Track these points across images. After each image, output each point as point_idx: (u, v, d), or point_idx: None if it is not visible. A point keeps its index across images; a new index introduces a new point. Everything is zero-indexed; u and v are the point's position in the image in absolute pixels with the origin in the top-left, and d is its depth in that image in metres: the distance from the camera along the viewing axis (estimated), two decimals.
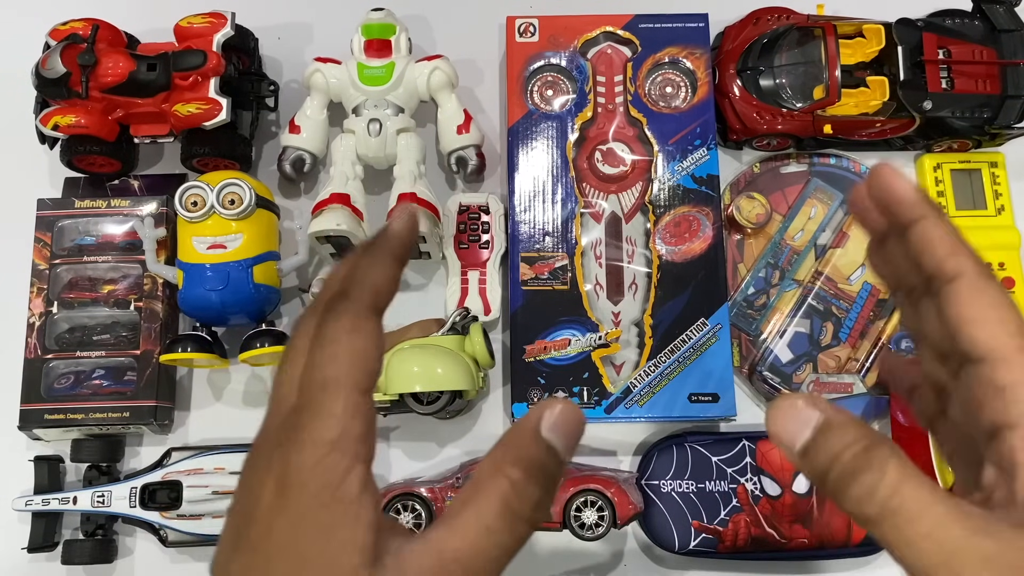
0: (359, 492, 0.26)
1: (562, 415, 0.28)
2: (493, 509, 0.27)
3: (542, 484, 0.28)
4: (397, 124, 0.76)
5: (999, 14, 0.79)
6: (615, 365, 0.74)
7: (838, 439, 0.27)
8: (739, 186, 0.81)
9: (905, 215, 0.31)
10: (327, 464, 0.26)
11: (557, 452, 0.28)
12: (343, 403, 0.27)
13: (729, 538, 0.70)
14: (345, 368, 0.27)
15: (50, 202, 0.78)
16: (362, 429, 0.27)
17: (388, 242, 0.30)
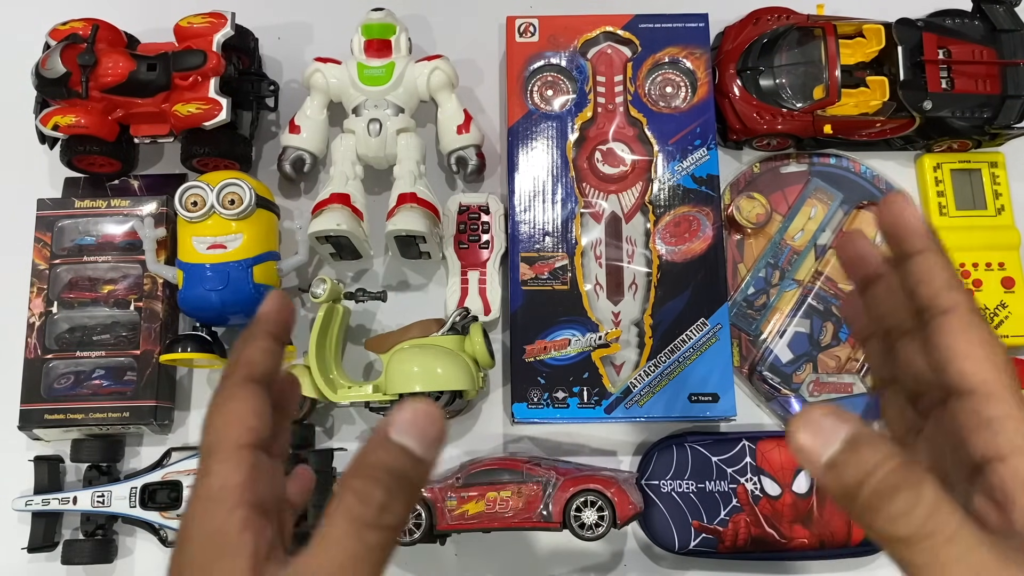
0: (238, 531, 0.30)
1: (413, 415, 0.29)
2: (338, 521, 0.28)
3: (388, 486, 0.29)
4: (397, 124, 0.76)
5: (999, 14, 0.79)
6: (615, 365, 0.74)
7: (871, 455, 0.27)
8: (739, 186, 0.81)
9: (912, 244, 0.32)
10: (207, 514, 0.30)
11: (411, 452, 0.29)
12: (220, 460, 0.31)
13: (729, 538, 0.70)
14: (222, 432, 0.31)
15: (50, 202, 0.78)
16: (242, 479, 0.30)
17: (258, 323, 0.34)
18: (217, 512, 0.30)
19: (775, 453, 0.72)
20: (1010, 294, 0.78)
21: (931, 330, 0.31)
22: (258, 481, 0.31)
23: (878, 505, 0.27)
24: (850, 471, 0.27)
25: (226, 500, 0.30)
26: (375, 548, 0.28)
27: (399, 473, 0.29)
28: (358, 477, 0.29)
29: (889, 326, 0.35)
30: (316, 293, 0.71)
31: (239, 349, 0.34)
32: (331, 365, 0.73)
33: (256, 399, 0.32)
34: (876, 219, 0.33)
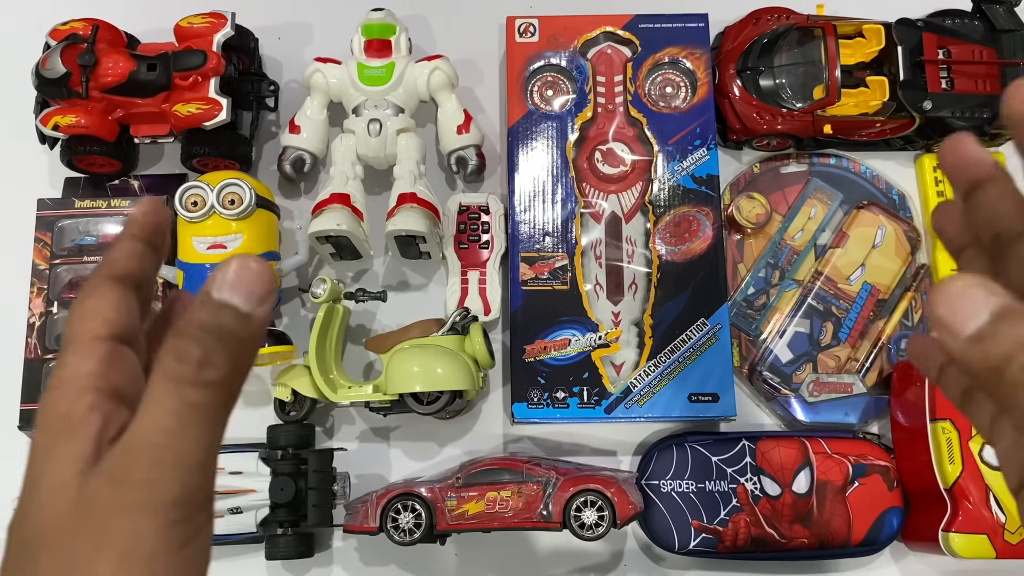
0: (84, 414, 0.29)
1: (237, 272, 0.29)
2: (157, 382, 0.28)
3: (205, 343, 0.28)
4: (397, 124, 0.76)
5: (999, 14, 0.79)
6: (615, 365, 0.74)
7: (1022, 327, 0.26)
8: (739, 186, 0.81)
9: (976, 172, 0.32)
10: (55, 399, 0.30)
11: (234, 307, 0.29)
12: (72, 351, 0.30)
13: (729, 538, 0.70)
14: (78, 326, 0.31)
15: (50, 202, 0.78)
16: (93, 367, 0.30)
17: (126, 226, 0.34)
18: (64, 397, 0.30)
19: (775, 453, 0.71)
20: None
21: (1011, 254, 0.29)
22: (114, 370, 0.30)
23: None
24: (1000, 343, 0.26)
25: (75, 386, 0.30)
26: (198, 406, 0.28)
27: (220, 330, 0.28)
28: (176, 336, 0.29)
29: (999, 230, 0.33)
30: (316, 293, 0.71)
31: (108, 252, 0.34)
32: (331, 365, 0.73)
33: (114, 294, 0.32)
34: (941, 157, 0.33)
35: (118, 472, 0.28)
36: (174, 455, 0.28)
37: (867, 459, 0.72)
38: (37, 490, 0.29)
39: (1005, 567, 0.71)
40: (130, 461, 0.28)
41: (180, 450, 0.28)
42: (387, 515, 0.67)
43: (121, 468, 0.28)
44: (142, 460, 0.28)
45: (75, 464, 0.28)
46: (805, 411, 0.75)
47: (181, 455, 0.28)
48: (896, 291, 0.78)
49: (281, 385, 0.73)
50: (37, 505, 0.29)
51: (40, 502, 0.29)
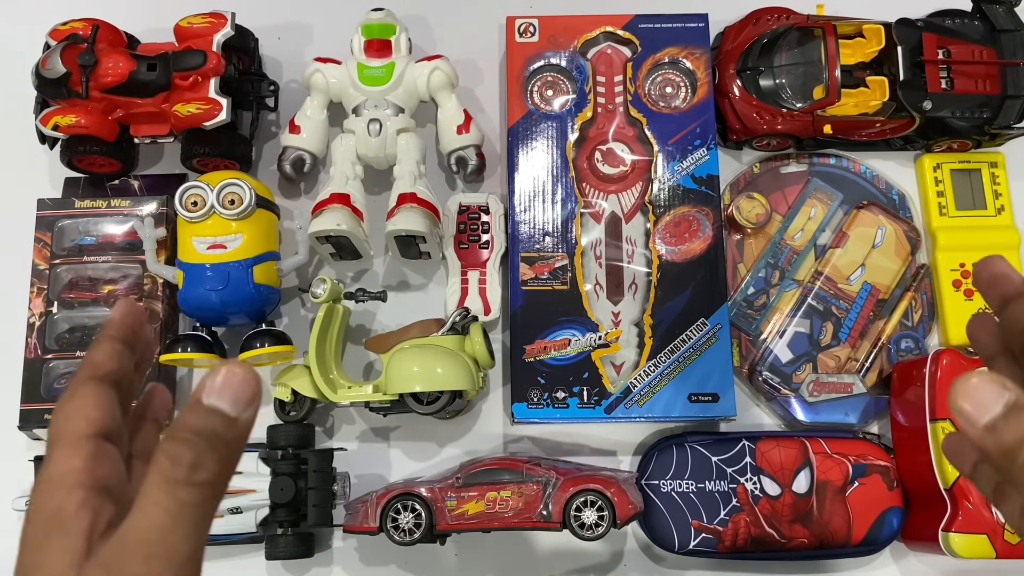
0: (75, 510, 0.31)
1: (224, 379, 0.31)
2: (153, 482, 0.30)
3: (197, 447, 0.30)
4: (397, 124, 0.76)
5: (999, 14, 0.79)
6: (615, 365, 0.74)
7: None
8: (739, 186, 0.81)
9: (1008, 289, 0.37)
10: (47, 494, 0.31)
11: (223, 413, 0.31)
12: (59, 448, 0.32)
13: (729, 538, 0.70)
14: (63, 424, 0.33)
15: (50, 202, 0.78)
16: (80, 464, 0.32)
17: (104, 328, 0.37)
18: (55, 493, 0.31)
19: (775, 453, 0.71)
20: None
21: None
22: (99, 466, 0.32)
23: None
24: (1010, 433, 0.30)
25: (64, 482, 0.31)
26: (190, 505, 0.30)
27: (209, 434, 0.31)
28: (170, 440, 0.31)
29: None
30: (316, 293, 0.71)
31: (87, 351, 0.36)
32: (331, 365, 0.73)
33: (97, 394, 0.34)
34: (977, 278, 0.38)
35: (114, 566, 0.30)
36: (166, 550, 0.30)
37: (867, 459, 0.72)
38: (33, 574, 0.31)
39: (1005, 567, 0.71)
40: (125, 555, 0.30)
41: (172, 545, 0.30)
42: (387, 515, 0.67)
43: (117, 562, 0.30)
44: (136, 555, 0.29)
45: (69, 558, 0.30)
46: (805, 411, 0.75)
47: (172, 550, 0.30)
48: (896, 291, 0.78)
49: (281, 385, 0.73)
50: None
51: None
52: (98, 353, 0.35)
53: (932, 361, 0.73)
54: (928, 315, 0.79)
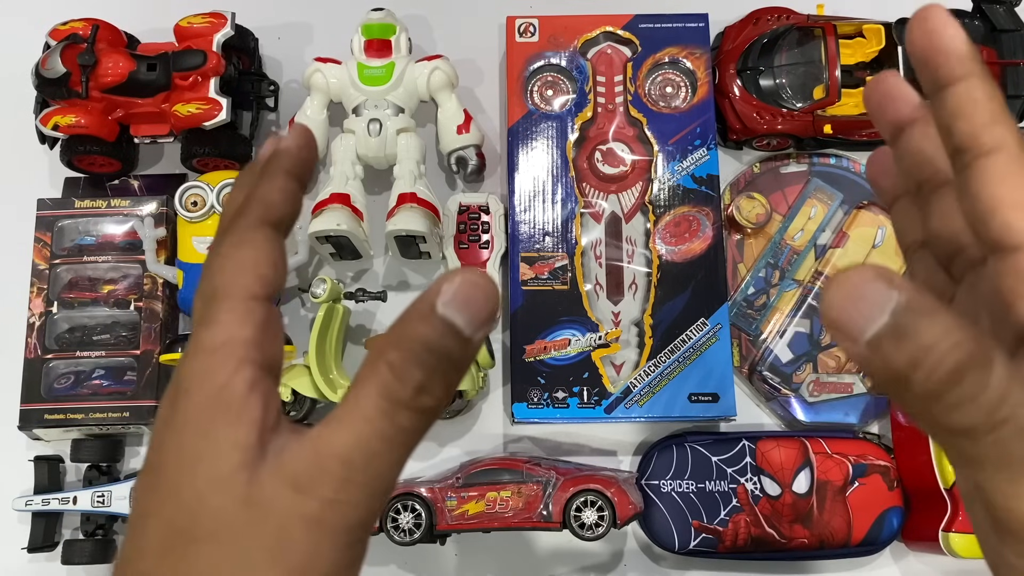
0: (245, 392, 0.26)
1: (463, 286, 0.25)
2: (370, 397, 0.25)
3: (428, 365, 0.25)
4: (397, 124, 0.76)
5: (999, 14, 0.79)
6: (615, 365, 0.74)
7: (929, 326, 0.22)
8: (739, 186, 0.81)
9: (949, 70, 0.26)
10: (210, 368, 0.26)
11: (457, 328, 0.25)
12: (228, 309, 0.27)
13: (729, 538, 0.70)
14: (231, 277, 0.27)
15: (50, 202, 0.78)
16: (251, 333, 0.26)
17: (277, 158, 0.29)
18: (222, 368, 0.26)
19: (775, 453, 0.71)
20: None
21: (970, 175, 0.25)
22: (268, 339, 0.27)
23: (937, 390, 0.22)
24: (902, 350, 0.22)
25: (233, 355, 0.26)
26: (407, 431, 0.26)
27: (442, 352, 0.25)
28: (397, 349, 0.25)
29: (923, 178, 0.30)
30: (316, 293, 0.71)
31: (249, 185, 0.29)
32: (331, 365, 0.73)
33: (272, 245, 0.28)
34: (907, 40, 0.27)
35: (303, 480, 0.25)
36: (369, 478, 0.25)
37: (867, 459, 0.72)
38: (193, 476, 0.25)
39: None
40: (319, 473, 0.25)
41: (376, 474, 0.26)
42: (387, 515, 0.67)
43: (307, 477, 0.25)
44: (334, 475, 0.25)
45: (240, 454, 0.25)
46: (805, 411, 0.75)
47: (375, 480, 0.26)
48: None
49: (281, 385, 0.73)
50: (195, 493, 0.25)
51: (199, 490, 0.25)
52: (273, 191, 0.28)
53: None
54: None
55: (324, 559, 0.25)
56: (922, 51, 0.26)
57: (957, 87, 0.25)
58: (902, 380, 0.22)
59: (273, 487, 0.25)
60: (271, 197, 0.28)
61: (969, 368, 0.22)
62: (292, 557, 0.25)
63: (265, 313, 0.27)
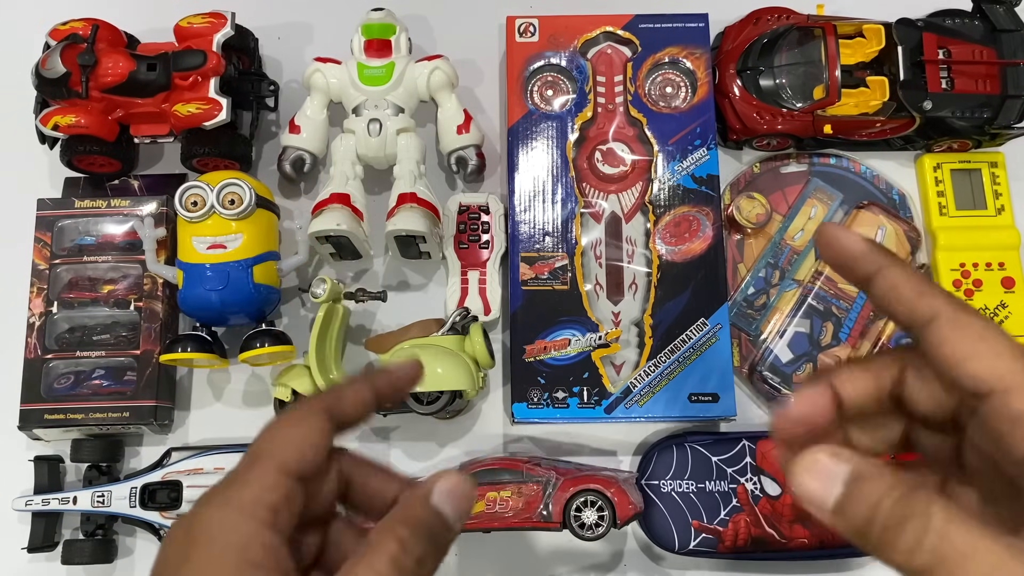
0: (262, 557, 0.29)
1: (452, 485, 0.32)
2: (382, 562, 0.29)
3: (427, 542, 0.31)
4: (397, 124, 0.76)
5: (999, 14, 0.79)
6: (615, 365, 0.74)
7: (873, 489, 0.26)
8: (739, 186, 0.81)
9: (863, 268, 0.31)
10: (234, 524, 0.29)
11: (445, 518, 0.31)
12: (263, 474, 0.30)
13: (729, 538, 0.70)
14: (275, 447, 0.31)
15: (50, 202, 0.78)
16: (277, 501, 0.30)
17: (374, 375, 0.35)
18: (244, 526, 0.29)
19: (775, 453, 0.71)
20: (1010, 294, 0.78)
21: (924, 345, 0.29)
22: (290, 508, 0.31)
23: (890, 540, 0.26)
24: (857, 510, 0.26)
25: (256, 516, 0.29)
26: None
27: (434, 533, 0.31)
28: (403, 526, 0.30)
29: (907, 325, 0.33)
30: (316, 293, 0.71)
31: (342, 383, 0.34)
32: (331, 365, 0.73)
33: (322, 435, 0.32)
34: (823, 257, 0.32)
35: None
36: None
37: None
38: None
39: None
40: None
41: None
42: None
43: None
44: None
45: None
46: None
47: None
48: None
49: (281, 385, 0.72)
50: None
51: None
52: (348, 392, 0.34)
53: None
54: None
55: None
56: (835, 261, 0.31)
57: (876, 281, 0.30)
58: (863, 535, 0.26)
59: None
60: (343, 395, 0.33)
61: (910, 518, 0.26)
62: None
63: (292, 489, 0.31)
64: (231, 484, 0.30)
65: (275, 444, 0.31)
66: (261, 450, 0.31)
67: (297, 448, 0.31)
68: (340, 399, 0.33)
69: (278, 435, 0.32)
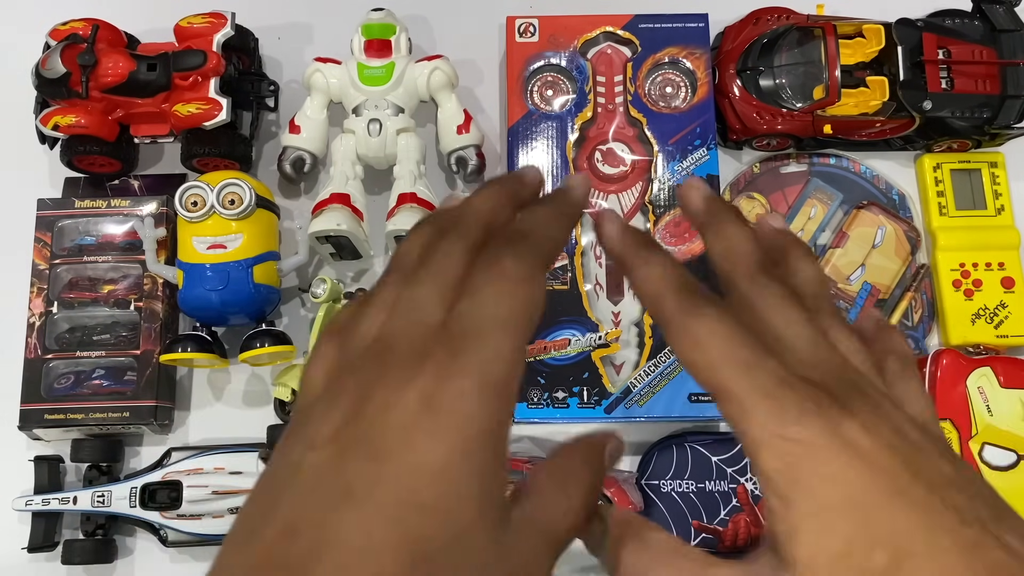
0: (505, 447, 0.25)
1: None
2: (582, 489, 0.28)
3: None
4: (397, 124, 0.76)
5: (999, 14, 0.79)
6: (615, 365, 0.74)
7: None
8: (739, 186, 0.81)
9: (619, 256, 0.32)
10: (491, 407, 0.24)
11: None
12: (514, 346, 0.25)
13: (729, 538, 0.70)
14: (519, 311, 0.25)
15: (50, 202, 0.78)
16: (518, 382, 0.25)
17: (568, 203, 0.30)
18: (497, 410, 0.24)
19: None
20: (1010, 294, 0.78)
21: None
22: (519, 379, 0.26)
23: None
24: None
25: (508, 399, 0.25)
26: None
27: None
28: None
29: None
30: (316, 293, 0.71)
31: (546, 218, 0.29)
32: None
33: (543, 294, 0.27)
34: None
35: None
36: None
37: None
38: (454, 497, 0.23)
39: None
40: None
41: None
42: None
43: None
44: None
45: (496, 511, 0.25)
46: None
47: None
48: (896, 291, 0.78)
49: (281, 385, 0.73)
50: None
51: None
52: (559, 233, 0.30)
53: (932, 361, 0.74)
54: (928, 315, 0.79)
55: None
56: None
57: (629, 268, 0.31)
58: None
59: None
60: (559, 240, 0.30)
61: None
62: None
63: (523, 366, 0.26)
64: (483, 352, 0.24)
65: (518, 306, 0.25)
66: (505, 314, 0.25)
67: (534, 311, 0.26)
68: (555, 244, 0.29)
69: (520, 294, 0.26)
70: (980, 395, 0.73)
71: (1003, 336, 0.77)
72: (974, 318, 0.77)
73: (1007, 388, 0.73)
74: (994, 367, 0.73)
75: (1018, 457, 0.72)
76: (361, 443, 0.23)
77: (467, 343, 0.24)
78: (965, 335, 0.77)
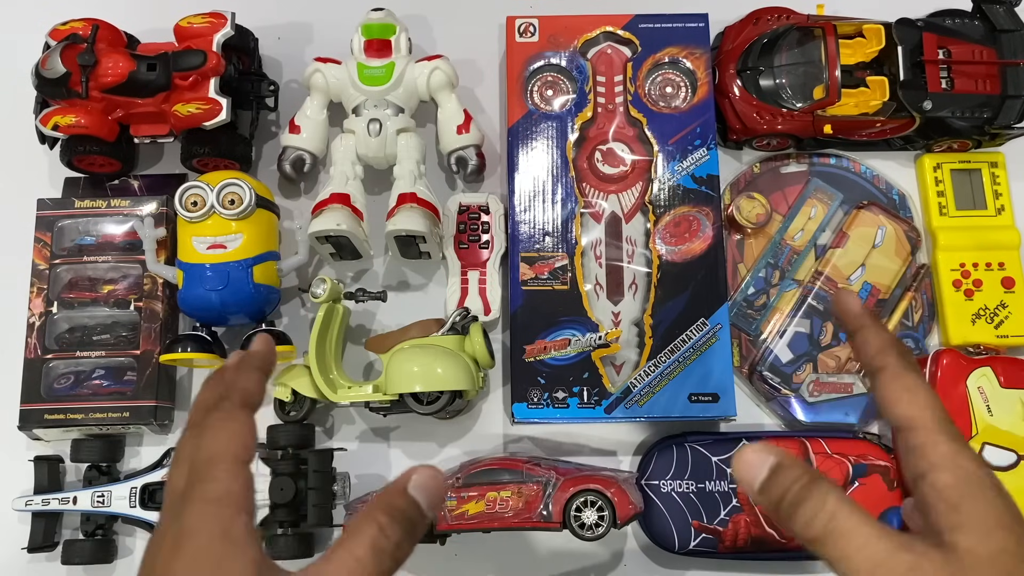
0: (245, 536, 0.33)
1: (426, 478, 0.37)
2: (363, 544, 0.34)
3: (404, 528, 0.36)
4: (397, 124, 0.76)
5: (999, 14, 0.79)
6: (615, 365, 0.74)
7: (787, 476, 0.36)
8: (739, 186, 0.81)
9: (851, 324, 0.42)
10: (215, 514, 0.33)
11: (419, 506, 0.36)
12: (225, 469, 0.34)
13: (729, 538, 0.70)
14: (224, 444, 0.35)
15: (50, 202, 0.78)
16: (242, 489, 0.34)
17: (252, 358, 0.40)
18: (222, 515, 0.33)
19: None
20: (1010, 294, 0.77)
21: (873, 388, 0.40)
22: (250, 493, 0.35)
23: (793, 514, 0.35)
24: (774, 491, 0.36)
25: (232, 504, 0.33)
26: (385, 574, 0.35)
27: (410, 519, 0.36)
28: (382, 513, 0.35)
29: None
30: (316, 293, 0.71)
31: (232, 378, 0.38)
32: (331, 365, 0.73)
33: (250, 423, 0.37)
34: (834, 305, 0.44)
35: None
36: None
37: (867, 459, 0.72)
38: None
39: None
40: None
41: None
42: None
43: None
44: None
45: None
46: (805, 411, 0.75)
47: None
48: (896, 291, 0.78)
49: (281, 385, 0.73)
50: None
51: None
52: (250, 383, 0.39)
53: (932, 361, 0.74)
54: (928, 315, 0.79)
55: None
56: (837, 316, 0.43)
57: (856, 335, 0.42)
58: (776, 508, 0.36)
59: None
60: (248, 387, 0.38)
61: (808, 499, 0.35)
62: None
63: (249, 474, 0.35)
64: (202, 483, 0.34)
65: (222, 442, 0.35)
66: (213, 451, 0.35)
67: (241, 441, 0.36)
68: (248, 391, 0.38)
69: (221, 435, 0.36)
70: (980, 395, 0.73)
71: (1003, 336, 0.77)
72: (974, 318, 0.77)
73: (1007, 388, 0.73)
74: (994, 367, 0.73)
75: (1018, 457, 0.72)
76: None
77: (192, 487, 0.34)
78: (965, 335, 0.77)
